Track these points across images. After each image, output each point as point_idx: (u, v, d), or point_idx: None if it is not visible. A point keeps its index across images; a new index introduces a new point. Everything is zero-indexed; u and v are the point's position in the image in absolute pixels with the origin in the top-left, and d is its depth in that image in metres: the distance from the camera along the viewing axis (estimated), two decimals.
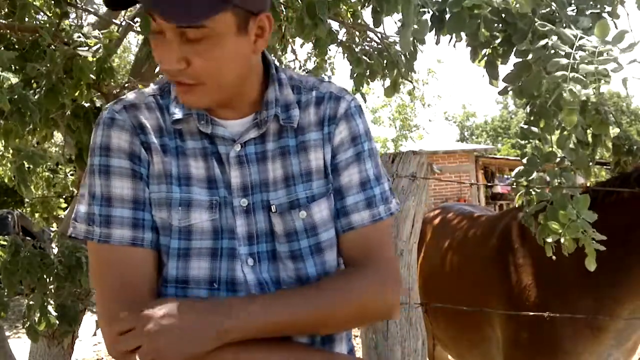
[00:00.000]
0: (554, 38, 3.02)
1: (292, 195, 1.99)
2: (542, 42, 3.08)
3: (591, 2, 3.37)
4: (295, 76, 2.15)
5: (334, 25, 5.22)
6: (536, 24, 3.17)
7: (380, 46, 5.10)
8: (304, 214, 1.99)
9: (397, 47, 5.06)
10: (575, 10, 3.40)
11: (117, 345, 1.77)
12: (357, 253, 2.07)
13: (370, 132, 2.14)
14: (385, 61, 5.01)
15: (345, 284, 1.97)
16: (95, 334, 4.91)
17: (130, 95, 2.04)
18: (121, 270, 1.92)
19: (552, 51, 3.02)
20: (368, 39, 5.35)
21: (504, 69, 3.51)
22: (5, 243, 4.41)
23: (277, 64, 2.14)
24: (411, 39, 3.27)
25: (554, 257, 3.30)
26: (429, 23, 3.57)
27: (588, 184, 4.20)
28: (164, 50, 1.79)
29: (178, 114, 1.97)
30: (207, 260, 1.94)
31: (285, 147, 2.02)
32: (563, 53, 2.92)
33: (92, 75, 4.31)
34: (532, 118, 3.31)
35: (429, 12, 3.59)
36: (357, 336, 7.72)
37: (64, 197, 7.67)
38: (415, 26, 3.33)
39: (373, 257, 2.06)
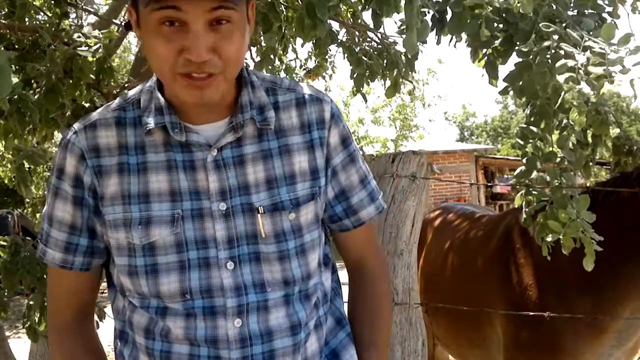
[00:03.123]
0: (556, 38, 3.02)
1: (275, 198, 1.99)
2: (546, 43, 3.08)
3: (590, 6, 3.37)
4: (267, 77, 2.13)
5: (334, 25, 5.22)
6: (540, 24, 3.17)
7: (380, 46, 5.10)
8: (293, 215, 2.00)
9: (397, 47, 5.06)
10: (576, 12, 3.40)
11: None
12: (365, 250, 2.31)
13: (349, 129, 2.21)
14: (385, 61, 5.01)
15: (384, 304, 2.30)
16: None
17: (94, 113, 2.04)
18: (54, 287, 2.15)
19: (555, 52, 3.02)
20: (368, 39, 5.35)
21: (504, 69, 3.51)
22: (5, 243, 4.41)
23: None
24: (415, 40, 3.26)
25: (548, 257, 3.30)
26: (430, 24, 3.57)
27: (588, 184, 4.20)
28: (190, 42, 1.74)
29: (151, 123, 1.94)
30: (175, 273, 1.94)
31: (267, 150, 2.01)
32: (565, 54, 2.93)
33: (92, 75, 4.31)
34: (532, 118, 3.31)
35: (429, 13, 3.59)
36: None
37: None
38: (420, 25, 3.33)
39: (377, 253, 2.37)
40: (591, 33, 3.08)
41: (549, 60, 3.08)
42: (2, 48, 4.46)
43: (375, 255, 2.33)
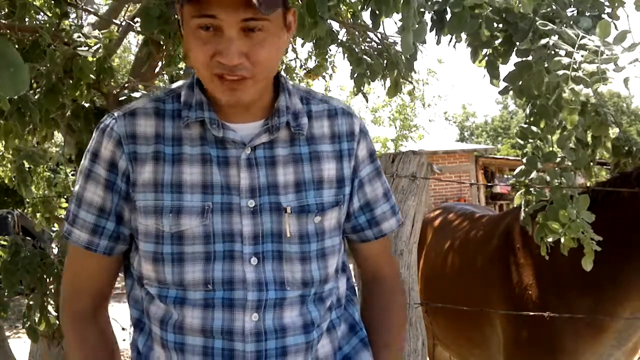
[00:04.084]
0: (555, 37, 3.02)
1: (302, 201, 2.07)
2: (543, 42, 3.08)
3: (589, 6, 3.37)
4: (302, 87, 2.24)
5: (334, 25, 5.22)
6: (537, 23, 3.17)
7: (380, 46, 5.10)
8: (319, 218, 2.08)
9: (397, 48, 5.06)
10: (575, 12, 3.40)
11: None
12: (382, 261, 2.41)
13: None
14: (385, 61, 5.01)
15: (398, 313, 2.40)
16: None
17: (134, 102, 2.13)
18: (75, 269, 2.20)
19: (553, 50, 3.02)
20: (368, 39, 5.35)
21: (505, 69, 3.51)
22: (5, 243, 4.41)
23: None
24: (411, 41, 3.26)
25: (547, 257, 3.31)
26: (429, 24, 3.57)
27: (588, 184, 4.20)
28: (224, 46, 1.84)
29: (190, 117, 2.03)
30: (200, 263, 2.00)
31: (298, 155, 2.10)
32: (564, 52, 2.93)
33: (92, 75, 4.31)
34: (532, 118, 3.30)
35: (428, 13, 3.59)
36: None
37: (64, 197, 7.67)
38: (416, 26, 3.33)
39: (393, 263, 2.50)
40: (589, 32, 3.08)
41: (547, 59, 3.08)
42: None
43: (391, 266, 2.43)
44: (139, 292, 2.15)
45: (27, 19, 4.49)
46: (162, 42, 4.72)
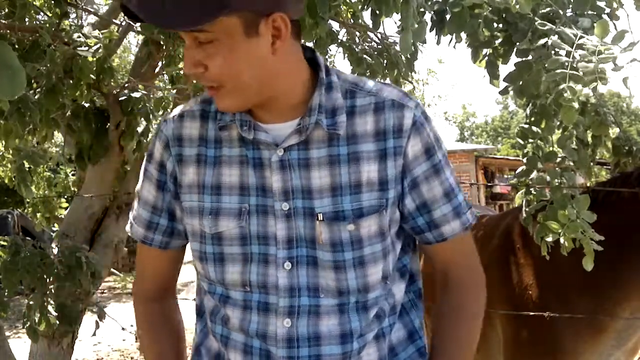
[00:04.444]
0: (554, 37, 3.02)
1: (338, 206, 1.96)
2: (542, 41, 3.08)
3: (588, 6, 3.37)
4: (351, 78, 2.08)
5: (334, 25, 5.22)
6: (536, 23, 3.17)
7: (380, 46, 5.10)
8: (352, 227, 1.95)
9: (397, 47, 5.06)
10: (575, 13, 3.40)
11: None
12: (453, 264, 2.17)
13: (439, 136, 2.09)
14: (385, 61, 5.01)
15: (466, 321, 2.17)
16: (94, 334, 4.89)
17: (186, 104, 2.16)
18: (140, 257, 2.33)
19: (552, 50, 3.02)
20: (368, 39, 5.36)
21: (505, 69, 3.51)
22: (5, 243, 4.41)
23: (329, 66, 2.10)
24: (411, 41, 3.26)
25: (547, 257, 3.30)
26: (428, 24, 3.57)
27: (588, 184, 4.20)
28: (184, 55, 1.86)
29: (223, 120, 2.03)
30: (239, 264, 2.02)
31: (335, 156, 1.97)
32: (563, 52, 2.92)
33: (92, 75, 4.32)
34: (532, 118, 3.31)
35: (428, 13, 3.59)
36: None
37: (65, 197, 7.66)
38: (416, 25, 3.32)
39: (467, 267, 2.19)
40: (588, 32, 3.08)
41: (547, 59, 3.08)
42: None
43: (464, 269, 2.19)
44: (199, 282, 2.24)
45: (27, 19, 4.50)
46: (162, 42, 4.73)
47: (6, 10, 4.41)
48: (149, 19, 1.79)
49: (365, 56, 4.95)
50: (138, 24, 4.72)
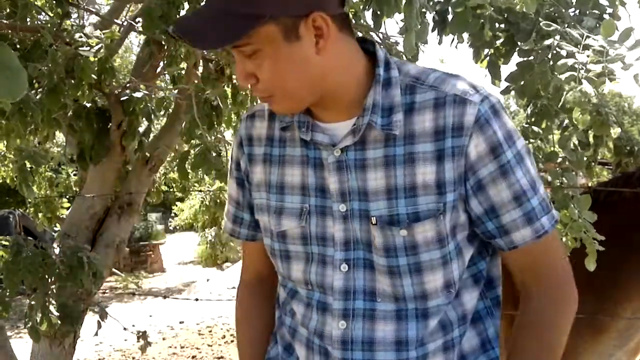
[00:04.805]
0: (558, 37, 3.02)
1: (392, 209, 1.88)
2: (547, 42, 3.07)
3: (590, 6, 3.37)
4: (413, 72, 1.95)
5: None
6: (541, 23, 3.16)
7: (382, 46, 5.10)
8: (405, 232, 1.87)
9: (399, 48, 5.06)
10: (578, 12, 3.40)
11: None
12: (527, 275, 2.05)
13: (513, 131, 1.90)
14: None
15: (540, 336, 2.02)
16: (96, 334, 4.90)
17: (260, 104, 2.19)
18: (242, 248, 2.45)
19: (556, 51, 3.02)
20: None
21: (506, 69, 3.51)
22: (7, 243, 4.41)
23: (394, 59, 1.99)
24: (414, 42, 3.26)
25: None
26: (431, 25, 3.57)
27: (590, 184, 4.20)
28: (236, 69, 1.86)
29: (283, 122, 2.05)
30: (302, 263, 2.05)
31: (391, 157, 1.88)
32: (566, 53, 2.92)
33: (93, 76, 4.31)
34: (533, 118, 3.30)
35: (430, 13, 3.59)
36: None
37: (66, 197, 7.66)
38: (418, 26, 3.32)
39: (547, 278, 2.03)
40: (592, 32, 3.08)
41: (550, 60, 3.07)
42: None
43: (542, 279, 2.03)
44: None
45: (28, 19, 4.49)
46: (163, 42, 4.72)
47: (8, 10, 4.41)
48: (194, 43, 1.84)
49: None
50: (139, 24, 4.72)
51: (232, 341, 11.51)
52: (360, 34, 5.33)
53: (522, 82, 3.27)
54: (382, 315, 1.94)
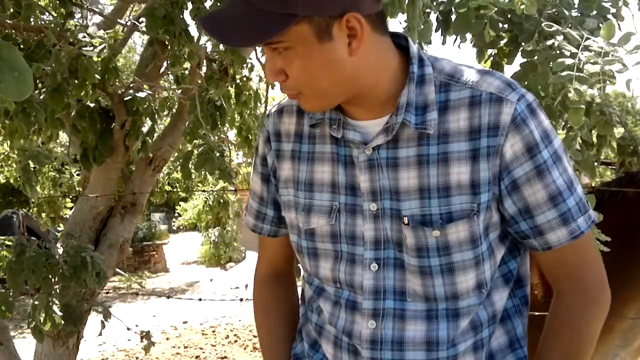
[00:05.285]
0: (560, 38, 3.02)
1: (425, 209, 1.86)
2: (549, 43, 3.08)
3: (594, 7, 3.37)
4: (447, 69, 1.93)
5: None
6: (542, 24, 3.16)
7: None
8: (438, 233, 1.85)
9: None
10: (580, 13, 3.40)
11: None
12: (560, 275, 2.03)
13: (549, 131, 1.87)
14: None
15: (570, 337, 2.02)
16: (100, 334, 4.90)
17: (287, 99, 2.14)
18: (259, 241, 2.41)
19: (558, 51, 3.02)
20: None
21: (510, 69, 3.51)
22: (10, 243, 4.41)
23: (427, 55, 1.97)
24: (417, 42, 3.26)
25: None
26: (435, 25, 3.57)
27: (593, 184, 4.19)
28: (266, 65, 1.84)
29: (313, 119, 2.02)
30: (331, 261, 2.04)
31: (425, 156, 1.86)
32: (569, 53, 2.92)
33: (97, 75, 4.31)
34: None
35: (434, 14, 3.59)
36: None
37: (70, 197, 7.67)
38: (422, 26, 3.32)
39: (580, 279, 2.00)
40: (594, 33, 3.08)
41: (552, 60, 3.07)
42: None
43: (575, 282, 2.01)
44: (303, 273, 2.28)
45: (32, 19, 4.50)
46: (167, 42, 4.73)
47: (11, 10, 4.42)
48: (223, 41, 1.89)
49: None
50: (143, 24, 4.72)
51: (235, 341, 11.52)
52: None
53: (525, 83, 3.27)
54: (413, 315, 1.94)
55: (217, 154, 4.33)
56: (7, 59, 1.56)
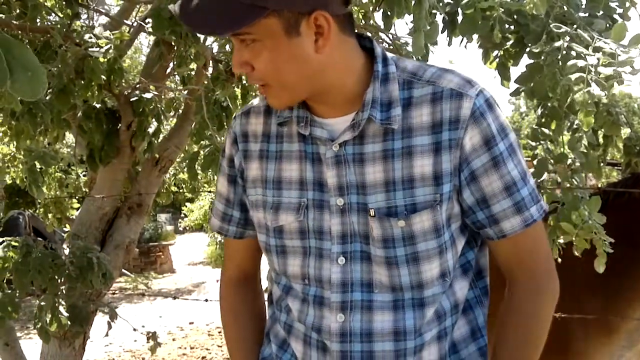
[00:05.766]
0: (568, 39, 3.02)
1: (390, 201, 1.93)
2: (557, 44, 3.07)
3: (602, 7, 3.37)
4: (410, 67, 2.01)
5: None
6: (551, 25, 3.16)
7: (391, 47, 5.10)
8: (403, 223, 1.92)
9: (409, 48, 5.06)
10: (588, 13, 3.40)
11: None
12: (513, 263, 2.08)
13: (505, 125, 1.97)
14: None
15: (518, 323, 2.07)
16: (106, 335, 4.90)
17: (254, 100, 2.24)
18: (224, 249, 2.46)
19: (565, 52, 3.02)
20: (380, 40, 5.35)
21: (516, 70, 3.51)
22: (16, 244, 4.41)
23: (391, 55, 2.06)
24: (423, 43, 3.26)
25: (559, 260, 3.30)
26: (441, 26, 3.57)
27: (599, 185, 4.19)
28: (233, 55, 1.91)
29: (281, 117, 2.08)
30: (299, 257, 2.09)
31: (389, 150, 1.94)
32: (576, 54, 2.92)
33: (103, 76, 4.32)
34: (543, 119, 3.30)
35: (440, 14, 3.59)
36: None
37: (76, 197, 7.67)
38: (428, 27, 3.32)
39: (532, 268, 2.08)
40: (602, 34, 3.08)
41: (560, 61, 3.07)
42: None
43: (527, 269, 2.08)
44: (270, 272, 2.32)
45: (38, 20, 4.50)
46: (173, 43, 4.72)
47: (18, 11, 4.42)
48: (195, 29, 1.90)
49: None
50: (149, 25, 4.72)
51: None
52: (370, 34, 5.33)
53: (531, 84, 3.27)
54: (380, 306, 1.99)
55: None
56: (20, 57, 1.57)
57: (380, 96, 1.95)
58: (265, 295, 2.51)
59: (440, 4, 3.58)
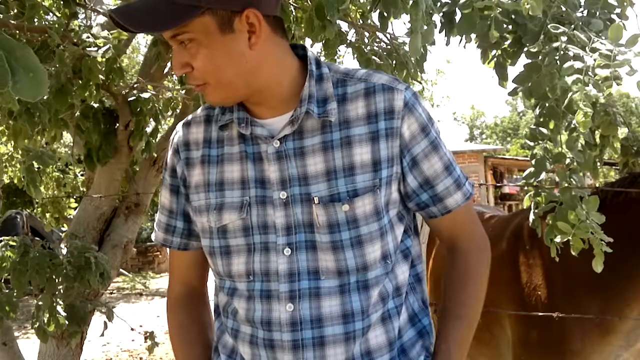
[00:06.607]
0: (565, 39, 3.02)
1: (333, 189, 2.03)
2: (555, 45, 3.08)
3: (599, 6, 3.37)
4: (341, 69, 2.17)
5: (343, 25, 5.21)
6: (548, 25, 3.17)
7: (389, 47, 5.10)
8: (347, 207, 2.02)
9: (406, 48, 5.06)
10: (586, 13, 3.40)
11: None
12: (455, 233, 2.30)
13: (430, 114, 2.16)
14: (394, 62, 5.00)
15: (473, 284, 2.28)
16: (103, 335, 4.91)
17: (194, 112, 2.31)
18: (170, 262, 2.44)
19: (563, 52, 3.02)
20: (377, 40, 5.35)
21: (514, 70, 3.51)
22: (14, 243, 4.41)
23: (323, 60, 2.21)
24: (420, 44, 3.27)
25: (557, 259, 3.30)
26: (437, 26, 3.58)
27: (597, 185, 4.19)
28: (173, 57, 2.00)
29: (222, 120, 2.15)
30: (244, 255, 2.12)
31: (329, 142, 2.05)
32: (574, 55, 2.92)
33: (101, 76, 4.32)
34: (541, 119, 3.30)
35: (437, 15, 3.59)
36: None
37: (74, 197, 7.67)
38: (425, 27, 3.33)
39: (471, 234, 2.32)
40: (600, 34, 3.08)
41: (557, 62, 3.08)
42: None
43: (468, 237, 2.31)
44: (216, 282, 2.31)
45: (36, 20, 4.50)
46: None
47: (15, 10, 4.41)
48: (131, 27, 1.90)
49: (374, 57, 4.95)
50: None
51: None
52: (368, 34, 5.33)
53: (529, 84, 3.27)
54: (327, 292, 2.06)
55: None
56: (22, 59, 1.57)
57: (316, 93, 2.08)
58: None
59: (438, 5, 3.59)
